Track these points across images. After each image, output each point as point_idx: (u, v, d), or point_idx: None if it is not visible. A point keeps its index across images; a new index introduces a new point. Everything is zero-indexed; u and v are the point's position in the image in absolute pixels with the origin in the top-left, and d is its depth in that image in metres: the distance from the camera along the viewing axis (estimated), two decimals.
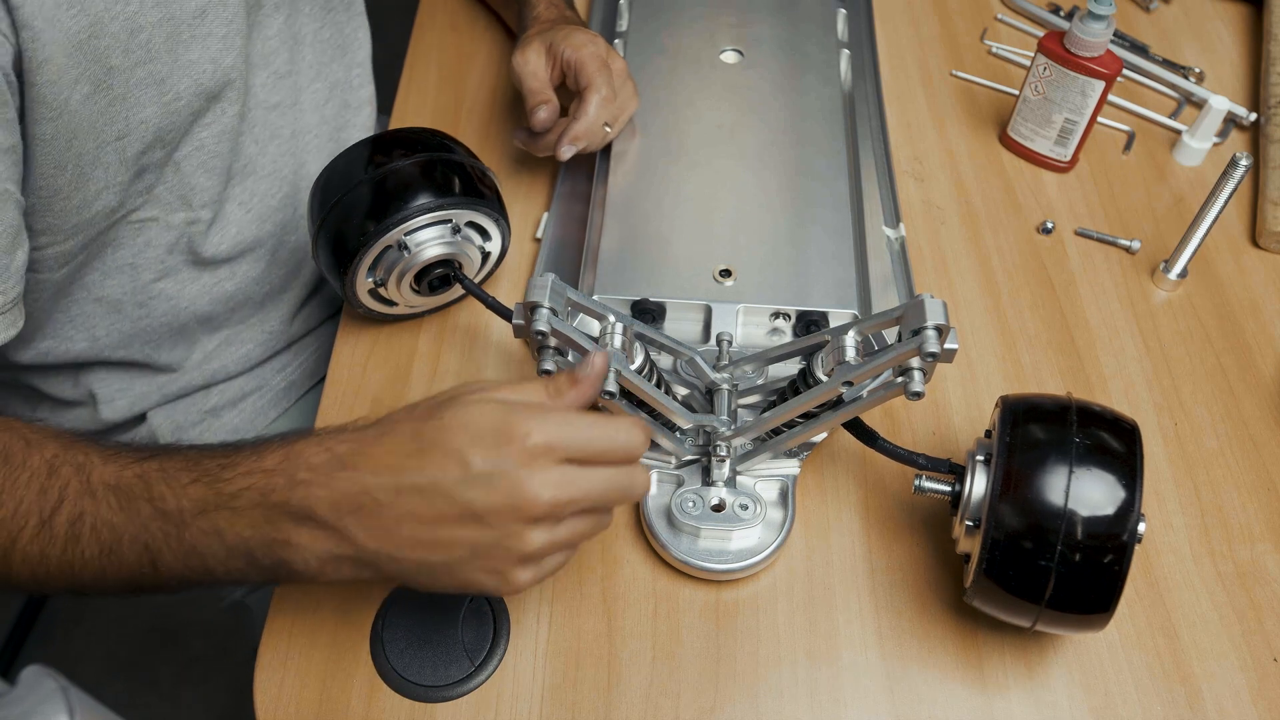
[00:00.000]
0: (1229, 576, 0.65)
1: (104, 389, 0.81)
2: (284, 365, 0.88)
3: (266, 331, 0.85)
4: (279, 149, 0.78)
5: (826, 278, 0.71)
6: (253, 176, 0.77)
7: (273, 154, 0.78)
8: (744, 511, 0.63)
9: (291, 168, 0.80)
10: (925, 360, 0.54)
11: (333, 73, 0.83)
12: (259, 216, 0.78)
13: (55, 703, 0.35)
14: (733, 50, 0.86)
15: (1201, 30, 1.01)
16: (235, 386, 0.85)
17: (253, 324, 0.84)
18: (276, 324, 0.85)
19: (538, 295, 0.56)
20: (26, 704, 0.35)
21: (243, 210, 0.77)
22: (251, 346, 0.84)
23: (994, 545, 0.54)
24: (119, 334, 0.77)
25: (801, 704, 0.59)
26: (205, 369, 0.83)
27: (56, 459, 0.54)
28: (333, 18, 0.82)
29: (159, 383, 0.82)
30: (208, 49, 0.67)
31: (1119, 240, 0.82)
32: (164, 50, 0.65)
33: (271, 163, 0.78)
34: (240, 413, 0.86)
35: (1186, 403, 0.73)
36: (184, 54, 0.66)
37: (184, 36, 0.66)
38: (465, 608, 0.61)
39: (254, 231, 0.78)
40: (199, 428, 0.84)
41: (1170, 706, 0.60)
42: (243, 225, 0.77)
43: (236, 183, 0.76)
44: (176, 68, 0.66)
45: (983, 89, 0.95)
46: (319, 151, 0.82)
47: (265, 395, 0.87)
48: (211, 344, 0.82)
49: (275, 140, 0.78)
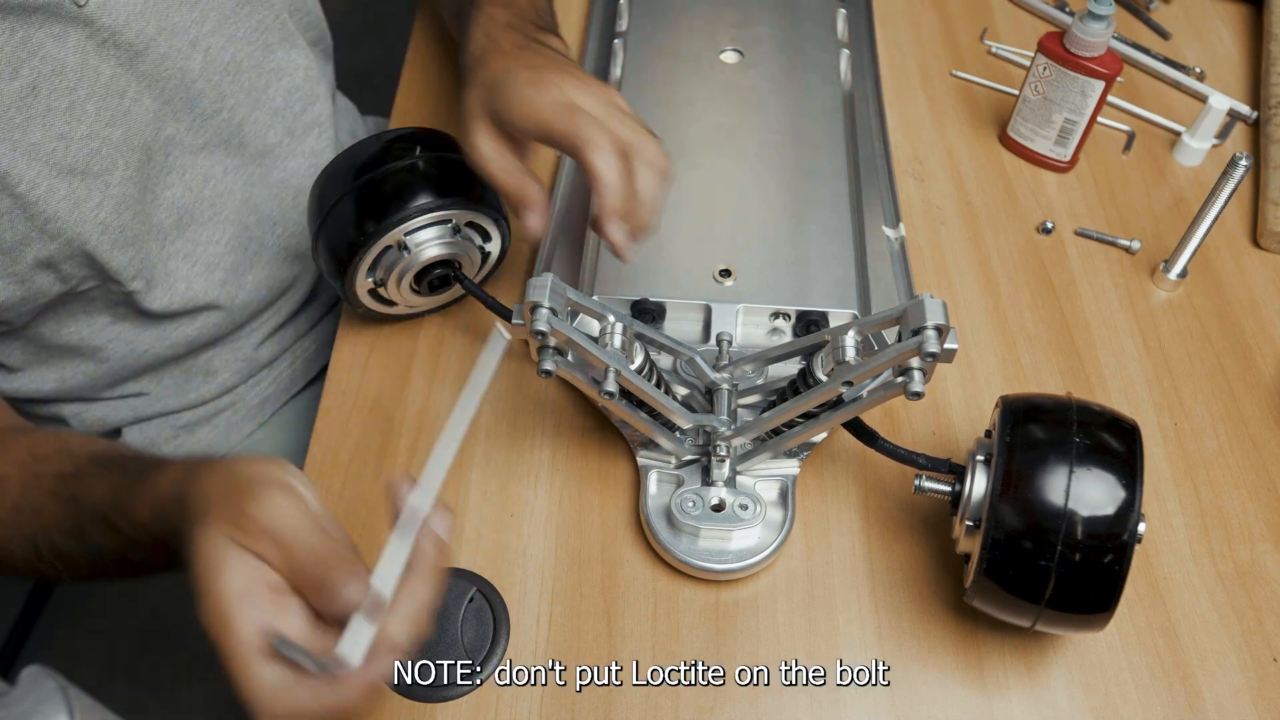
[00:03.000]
0: (1229, 576, 0.65)
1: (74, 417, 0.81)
2: (257, 382, 0.87)
3: (238, 360, 0.84)
4: (214, 190, 0.74)
5: (826, 278, 0.71)
6: (191, 226, 0.73)
7: (209, 198, 0.74)
8: (744, 511, 0.63)
9: (231, 207, 0.76)
10: (925, 360, 0.54)
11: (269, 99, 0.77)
12: (206, 266, 0.75)
13: (55, 703, 0.35)
14: (733, 50, 0.86)
15: (1201, 30, 1.01)
16: (209, 406, 0.85)
17: (222, 356, 0.83)
18: (248, 350, 0.84)
19: (537, 295, 0.56)
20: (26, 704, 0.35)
21: (188, 264, 0.74)
22: (226, 375, 0.84)
23: (994, 545, 0.54)
24: (84, 375, 0.77)
25: (801, 704, 0.59)
26: (177, 398, 0.82)
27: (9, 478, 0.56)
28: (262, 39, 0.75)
29: (131, 405, 0.81)
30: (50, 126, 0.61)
31: (1119, 240, 0.82)
32: None
33: (209, 207, 0.74)
34: (214, 429, 0.85)
35: (1186, 403, 0.73)
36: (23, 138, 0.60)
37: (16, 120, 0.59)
38: (465, 607, 0.61)
39: (204, 281, 0.75)
40: (173, 444, 0.84)
41: (1170, 706, 0.60)
42: (190, 279, 0.74)
43: (174, 238, 0.72)
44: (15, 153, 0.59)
45: (983, 89, 0.95)
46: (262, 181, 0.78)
47: (240, 411, 0.86)
48: (181, 377, 0.82)
49: (208, 183, 0.74)
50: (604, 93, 0.60)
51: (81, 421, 0.81)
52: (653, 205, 0.58)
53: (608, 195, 0.56)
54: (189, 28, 0.68)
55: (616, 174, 0.56)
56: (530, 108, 0.57)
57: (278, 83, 0.77)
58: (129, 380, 0.79)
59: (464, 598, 0.61)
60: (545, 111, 0.57)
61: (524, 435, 0.70)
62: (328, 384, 0.73)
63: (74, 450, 0.58)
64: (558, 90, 0.58)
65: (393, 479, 0.48)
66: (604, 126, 0.57)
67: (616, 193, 0.56)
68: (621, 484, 0.68)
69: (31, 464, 0.57)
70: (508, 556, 0.65)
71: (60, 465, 0.57)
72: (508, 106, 0.59)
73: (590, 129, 0.56)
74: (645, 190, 0.58)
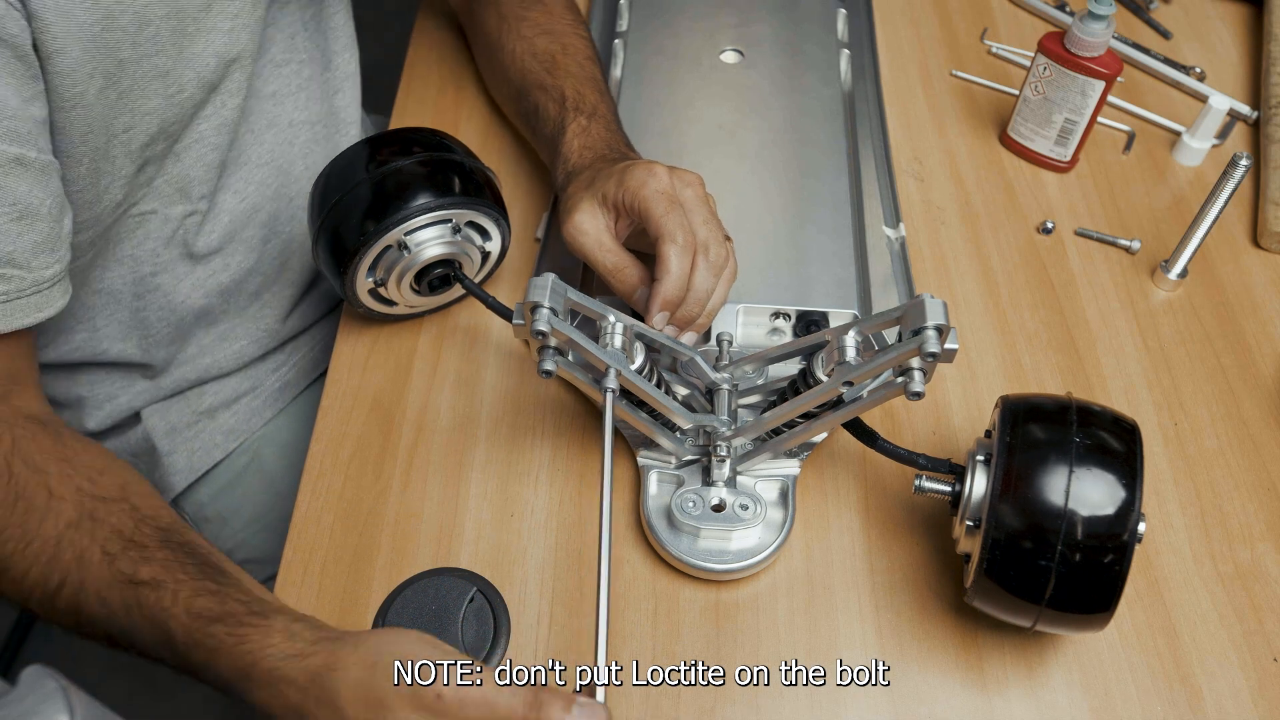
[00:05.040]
0: (1229, 576, 0.65)
1: (97, 392, 0.81)
2: (278, 365, 0.88)
3: (261, 329, 0.85)
4: (275, 138, 0.78)
5: (827, 278, 0.71)
6: (247, 165, 0.77)
7: (269, 143, 0.78)
8: (744, 511, 0.63)
9: (286, 158, 0.80)
10: (925, 360, 0.54)
11: (343, 63, 0.83)
12: (251, 206, 0.78)
13: (55, 703, 0.35)
14: (733, 50, 0.86)
15: (1201, 30, 1.01)
16: (229, 386, 0.85)
17: (246, 318, 0.84)
18: (270, 320, 0.85)
19: (538, 295, 0.56)
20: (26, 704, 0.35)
21: (236, 199, 0.77)
22: (245, 343, 0.84)
23: (994, 545, 0.54)
24: (117, 325, 0.77)
25: (801, 704, 0.59)
26: (198, 364, 0.83)
27: (64, 538, 0.57)
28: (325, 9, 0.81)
29: (152, 381, 0.82)
30: (211, 42, 0.67)
31: (1119, 240, 0.82)
32: (170, 43, 0.65)
33: (268, 152, 0.78)
34: (235, 414, 0.86)
35: (1186, 403, 0.73)
36: (189, 46, 0.66)
37: (189, 29, 0.66)
38: (465, 608, 0.61)
39: (245, 220, 0.78)
40: (194, 428, 0.84)
41: (1170, 706, 0.60)
42: (235, 214, 0.77)
43: (231, 172, 0.76)
44: (180, 60, 0.66)
45: (983, 89, 0.95)
46: (312, 143, 0.82)
47: (260, 395, 0.86)
48: (206, 339, 0.82)
49: (271, 129, 0.78)
50: (700, 189, 0.66)
51: (102, 408, 0.81)
52: (703, 300, 0.64)
53: (666, 285, 0.62)
54: None
55: (682, 271, 0.62)
56: (640, 187, 0.63)
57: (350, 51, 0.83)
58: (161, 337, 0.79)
59: (464, 598, 0.61)
60: (650, 195, 0.63)
61: (524, 435, 0.70)
62: (328, 383, 0.73)
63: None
64: (667, 179, 0.64)
65: None
66: (688, 224, 0.63)
67: (675, 285, 0.62)
68: (621, 484, 0.68)
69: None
70: (508, 556, 0.65)
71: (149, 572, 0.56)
72: (619, 187, 0.64)
73: (676, 225, 0.62)
74: (700, 285, 0.63)
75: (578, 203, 0.66)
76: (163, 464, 0.83)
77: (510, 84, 0.82)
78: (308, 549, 0.65)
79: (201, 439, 0.84)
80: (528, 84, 0.80)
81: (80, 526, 0.57)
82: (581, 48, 0.81)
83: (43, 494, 0.57)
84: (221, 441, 0.85)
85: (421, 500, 0.67)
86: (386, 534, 0.66)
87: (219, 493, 0.86)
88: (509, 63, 0.82)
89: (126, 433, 0.84)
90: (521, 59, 0.81)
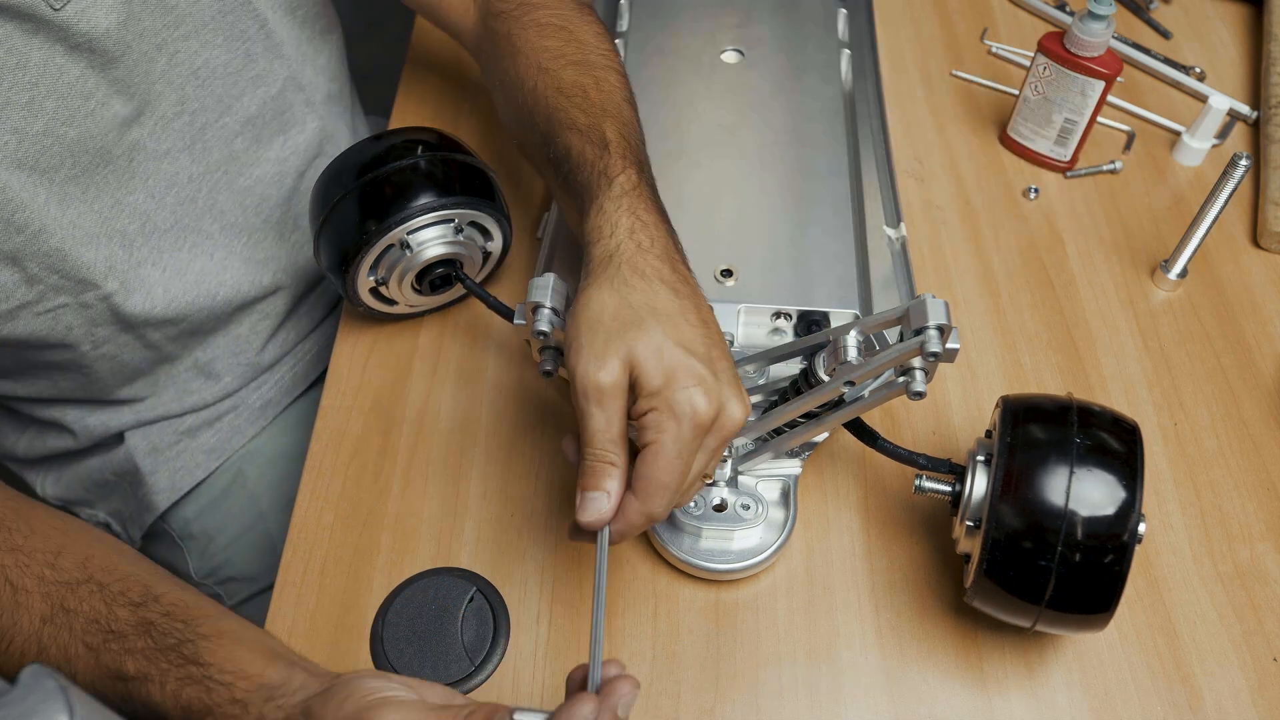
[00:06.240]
0: (1229, 576, 0.65)
1: (77, 422, 0.80)
2: (259, 385, 0.86)
3: (240, 364, 0.84)
4: (177, 197, 0.73)
5: (827, 278, 0.71)
6: (155, 233, 0.73)
7: (171, 204, 0.73)
8: (745, 511, 0.63)
9: (193, 215, 0.75)
10: (927, 360, 0.54)
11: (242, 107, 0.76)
12: (177, 271, 0.75)
13: (55, 702, 0.35)
14: (733, 50, 0.86)
15: (1201, 30, 1.01)
16: (211, 410, 0.84)
17: (224, 360, 0.83)
18: (250, 355, 0.84)
19: (539, 295, 0.56)
20: (26, 704, 0.35)
21: (158, 270, 0.73)
22: (229, 379, 0.84)
23: (994, 545, 0.54)
24: (78, 383, 0.76)
25: (801, 704, 0.59)
26: (179, 401, 0.82)
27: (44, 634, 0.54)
28: (245, 47, 0.74)
29: (134, 410, 0.81)
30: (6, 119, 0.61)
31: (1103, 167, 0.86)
32: None
33: (171, 214, 0.73)
34: (217, 433, 0.85)
35: (1186, 403, 0.73)
36: None
37: None
38: (465, 608, 0.61)
39: (179, 286, 0.75)
40: (175, 448, 0.83)
41: (1170, 706, 0.60)
42: (166, 284, 0.74)
43: (140, 244, 0.72)
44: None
45: (983, 89, 0.95)
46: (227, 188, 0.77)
47: (242, 414, 0.86)
48: (181, 380, 0.81)
49: (172, 189, 0.73)
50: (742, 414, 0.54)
51: (85, 427, 0.80)
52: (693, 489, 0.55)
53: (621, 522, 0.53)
54: (159, 31, 0.67)
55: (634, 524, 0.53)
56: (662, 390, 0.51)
57: (253, 91, 0.76)
58: (125, 385, 0.79)
59: (464, 598, 0.61)
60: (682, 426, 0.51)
61: (524, 435, 0.70)
62: (328, 384, 0.73)
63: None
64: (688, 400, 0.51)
65: None
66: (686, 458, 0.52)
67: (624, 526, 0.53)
68: None
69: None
70: (508, 556, 0.65)
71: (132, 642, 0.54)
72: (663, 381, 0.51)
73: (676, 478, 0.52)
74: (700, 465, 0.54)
75: (611, 348, 0.52)
76: (146, 483, 0.83)
77: (535, 129, 0.68)
78: (308, 549, 0.65)
79: (184, 458, 0.84)
80: (555, 124, 0.65)
81: (55, 621, 0.54)
82: (618, 84, 0.69)
83: (7, 590, 0.54)
84: (204, 460, 0.84)
85: (421, 500, 0.67)
86: (386, 534, 0.66)
87: (202, 511, 0.85)
88: (530, 103, 0.68)
89: (109, 452, 0.83)
90: (545, 95, 0.67)
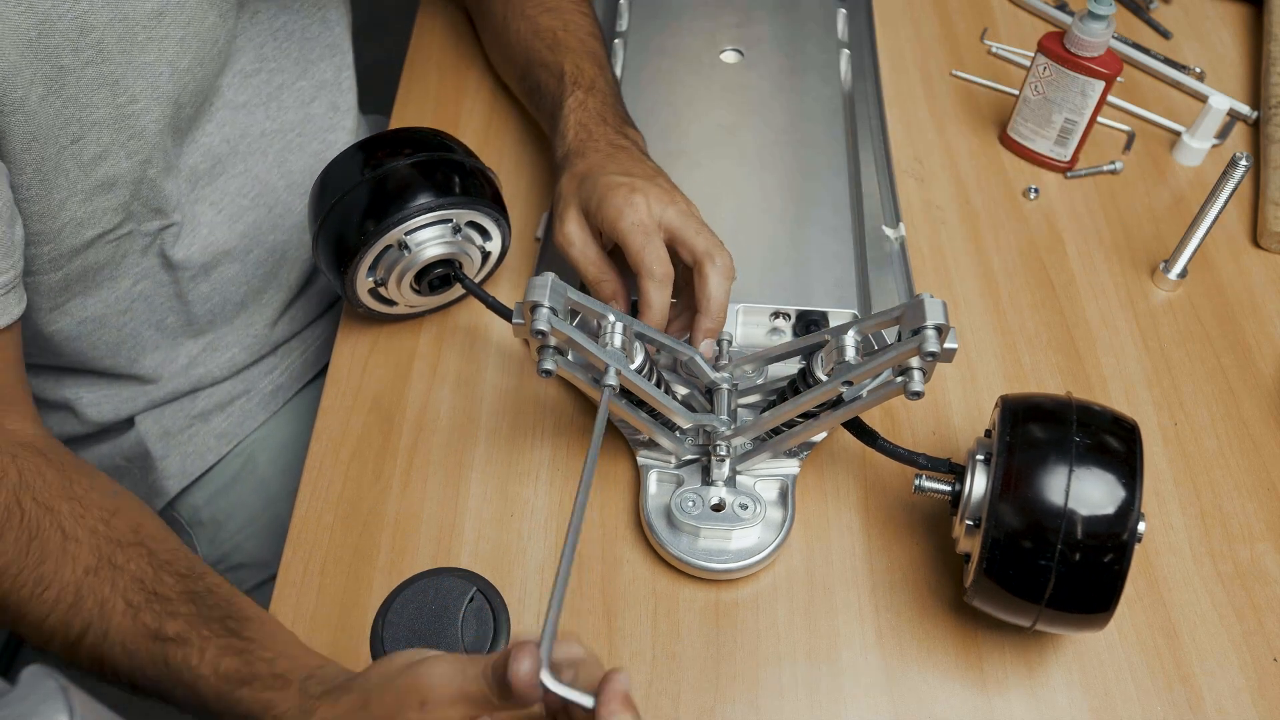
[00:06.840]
0: (1229, 576, 0.65)
1: (87, 396, 0.80)
2: (270, 369, 0.87)
3: (250, 335, 0.84)
4: (249, 147, 0.77)
5: (826, 277, 0.71)
6: (223, 176, 0.76)
7: (243, 153, 0.77)
8: (744, 511, 0.63)
9: (264, 166, 0.79)
10: (925, 360, 0.54)
11: (319, 71, 0.82)
12: (230, 216, 0.77)
13: (55, 702, 0.35)
14: (733, 50, 0.86)
15: (1201, 30, 1.01)
16: (222, 391, 0.85)
17: (235, 328, 0.83)
18: (260, 328, 0.85)
19: (538, 295, 0.56)
20: (27, 704, 0.35)
21: (214, 210, 0.76)
22: (236, 351, 0.84)
23: (994, 545, 0.54)
24: (104, 344, 0.77)
25: (801, 704, 0.59)
26: (190, 375, 0.82)
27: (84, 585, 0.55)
28: (321, 14, 0.80)
29: (145, 390, 0.81)
30: (164, 52, 0.66)
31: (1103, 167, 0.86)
32: (117, 51, 0.63)
33: (242, 161, 0.77)
34: (228, 417, 0.85)
35: (1186, 403, 0.73)
36: (139, 56, 0.65)
37: (139, 38, 0.65)
38: (465, 607, 0.61)
39: (225, 232, 0.77)
40: (187, 433, 0.84)
41: (1170, 706, 0.60)
42: (214, 226, 0.77)
43: (205, 183, 0.75)
44: (131, 69, 0.65)
45: (983, 89, 0.95)
46: (284, 151, 0.81)
47: (253, 399, 0.86)
48: (195, 349, 0.82)
49: (245, 139, 0.77)
50: (683, 204, 0.67)
51: (98, 409, 0.81)
52: (723, 308, 0.65)
53: (649, 317, 0.65)
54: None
55: (662, 303, 0.65)
56: (618, 219, 0.65)
57: (329, 58, 0.82)
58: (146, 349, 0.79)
59: (464, 598, 0.61)
60: (627, 228, 0.64)
61: (524, 435, 0.70)
62: (328, 383, 0.73)
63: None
64: (644, 209, 0.65)
65: None
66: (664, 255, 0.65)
67: (657, 317, 0.65)
68: (621, 484, 0.68)
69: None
70: (508, 556, 0.65)
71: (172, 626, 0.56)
72: (599, 209, 0.66)
73: (654, 259, 0.64)
74: (715, 295, 0.64)
75: (566, 208, 0.68)
76: (156, 468, 0.83)
77: (515, 64, 0.85)
78: (308, 549, 0.65)
79: (195, 443, 0.84)
80: (530, 62, 0.82)
81: (99, 573, 0.56)
82: (584, 24, 0.83)
83: (57, 535, 0.56)
84: (215, 445, 0.85)
85: (421, 500, 0.67)
86: (386, 534, 0.66)
87: (212, 496, 0.86)
88: (513, 42, 0.84)
89: (119, 437, 0.83)
90: (525, 37, 0.83)
